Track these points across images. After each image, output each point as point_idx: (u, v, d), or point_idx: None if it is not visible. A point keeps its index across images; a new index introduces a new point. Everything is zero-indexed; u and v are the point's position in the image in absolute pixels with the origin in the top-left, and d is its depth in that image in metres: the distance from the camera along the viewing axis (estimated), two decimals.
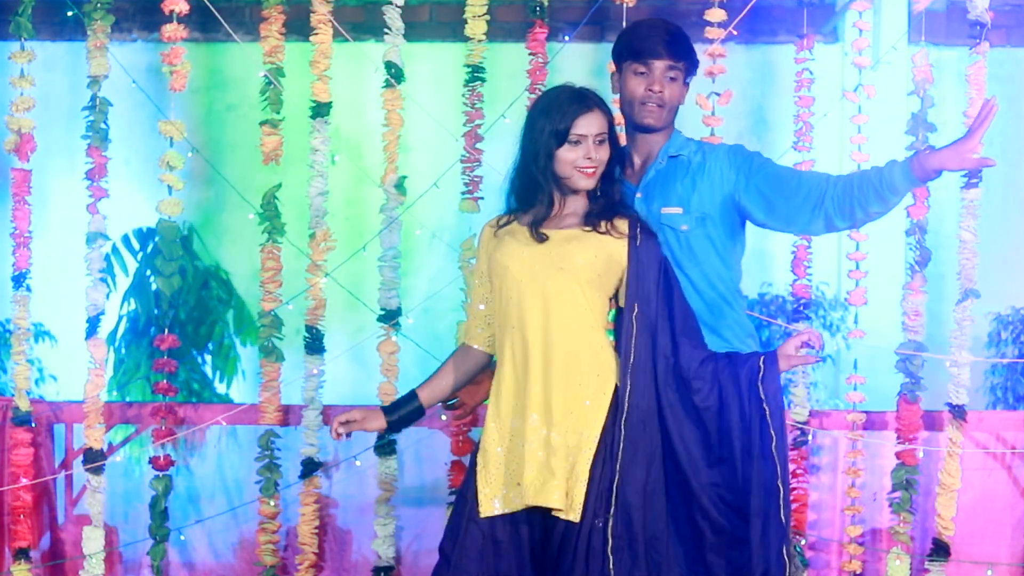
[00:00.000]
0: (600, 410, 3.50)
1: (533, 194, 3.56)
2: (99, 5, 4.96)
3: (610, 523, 3.46)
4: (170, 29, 4.93)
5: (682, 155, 3.76)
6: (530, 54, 4.99)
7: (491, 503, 3.54)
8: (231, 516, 5.26)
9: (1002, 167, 7.48)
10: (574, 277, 3.50)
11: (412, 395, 3.73)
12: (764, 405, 3.49)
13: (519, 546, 3.55)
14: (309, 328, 5.01)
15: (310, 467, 5.00)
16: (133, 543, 5.21)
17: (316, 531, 5.03)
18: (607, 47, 7.30)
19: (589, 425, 3.49)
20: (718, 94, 4.93)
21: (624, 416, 3.48)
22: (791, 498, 3.56)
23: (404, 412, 3.72)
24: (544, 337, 3.50)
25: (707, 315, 3.70)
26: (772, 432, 3.49)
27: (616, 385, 3.51)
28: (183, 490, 5.28)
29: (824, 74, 5.49)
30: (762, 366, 3.51)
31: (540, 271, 3.51)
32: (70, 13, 5.14)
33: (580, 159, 3.50)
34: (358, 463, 5.13)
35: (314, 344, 5.01)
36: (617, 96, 3.80)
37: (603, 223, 3.54)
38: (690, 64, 3.75)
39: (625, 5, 4.91)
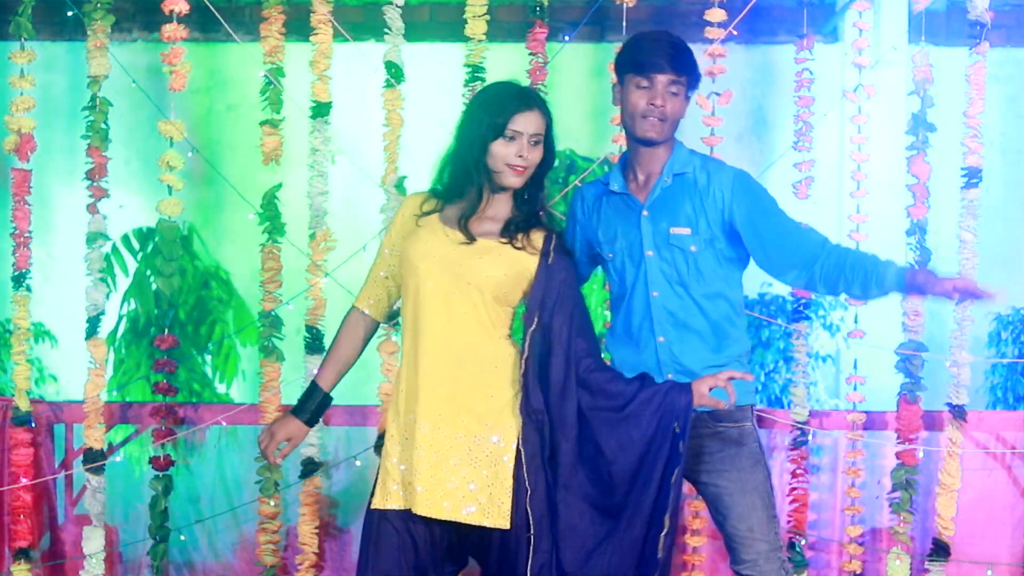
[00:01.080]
0: (508, 408, 3.46)
1: (463, 185, 3.52)
2: (99, 5, 4.96)
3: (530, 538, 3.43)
4: (170, 29, 4.93)
5: (687, 173, 3.76)
6: (530, 54, 4.98)
7: (386, 499, 3.50)
8: (231, 516, 5.26)
9: (1002, 167, 7.51)
10: (479, 292, 3.47)
11: (313, 386, 3.69)
12: (680, 447, 3.46)
13: (433, 544, 3.51)
14: (309, 328, 5.01)
15: (310, 467, 4.99)
16: (133, 543, 5.21)
17: (316, 531, 5.03)
18: (607, 47, 7.32)
19: (504, 427, 3.45)
20: (718, 94, 4.92)
21: (523, 424, 3.45)
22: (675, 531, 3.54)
23: (313, 406, 3.68)
24: (439, 344, 3.47)
25: (710, 335, 3.73)
26: (671, 485, 3.46)
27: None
28: (183, 490, 5.28)
29: (824, 74, 5.49)
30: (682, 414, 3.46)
31: (447, 280, 3.48)
32: (70, 13, 5.13)
33: (512, 156, 3.47)
34: (358, 463, 5.13)
35: (314, 344, 5.01)
36: (618, 109, 3.79)
37: (520, 236, 3.50)
38: (692, 79, 3.73)
39: (625, 5, 4.91)
